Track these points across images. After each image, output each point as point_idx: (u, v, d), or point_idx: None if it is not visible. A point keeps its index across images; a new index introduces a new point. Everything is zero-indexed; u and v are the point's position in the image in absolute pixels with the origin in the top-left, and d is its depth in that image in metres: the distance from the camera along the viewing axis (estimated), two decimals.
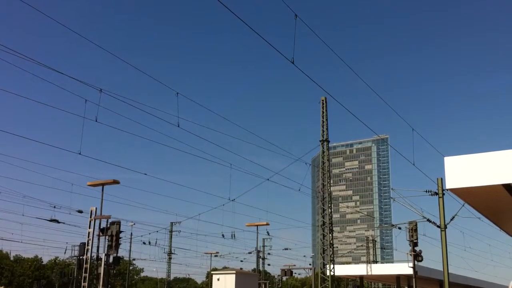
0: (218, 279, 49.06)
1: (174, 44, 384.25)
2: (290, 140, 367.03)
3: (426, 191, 32.31)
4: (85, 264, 31.84)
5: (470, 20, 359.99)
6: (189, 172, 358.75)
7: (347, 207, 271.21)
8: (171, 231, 78.47)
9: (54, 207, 44.62)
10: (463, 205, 28.25)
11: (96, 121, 22.94)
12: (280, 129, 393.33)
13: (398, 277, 55.30)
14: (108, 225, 31.67)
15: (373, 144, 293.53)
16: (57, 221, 43.31)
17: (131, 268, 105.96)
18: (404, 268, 45.09)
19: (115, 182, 33.81)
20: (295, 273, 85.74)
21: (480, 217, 28.38)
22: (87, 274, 31.58)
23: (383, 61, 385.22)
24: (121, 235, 32.35)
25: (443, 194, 31.56)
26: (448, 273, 31.64)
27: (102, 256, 32.19)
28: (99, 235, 32.28)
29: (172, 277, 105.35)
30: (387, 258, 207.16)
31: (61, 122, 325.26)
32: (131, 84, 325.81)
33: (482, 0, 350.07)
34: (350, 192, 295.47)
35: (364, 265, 56.85)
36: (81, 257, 32.59)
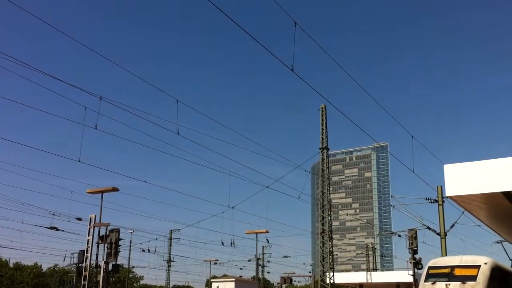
0: (218, 287, 48.95)
1: (174, 51, 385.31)
2: (289, 148, 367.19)
3: (426, 199, 32.32)
4: (84, 271, 31.75)
5: (470, 26, 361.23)
6: (188, 180, 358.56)
7: (347, 214, 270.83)
8: (170, 239, 78.19)
9: (53, 214, 44.52)
10: (463, 213, 28.22)
11: (96, 128, 22.95)
12: (280, 136, 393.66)
13: (398, 285, 55.19)
14: (107, 233, 31.62)
15: (373, 152, 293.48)
16: (56, 229, 43.22)
17: (130, 275, 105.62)
18: (404, 275, 44.97)
19: (115, 189, 33.78)
20: (295, 280, 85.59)
21: (480, 225, 28.38)
22: (86, 282, 31.49)
23: (383, 69, 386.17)
24: (120, 242, 32.32)
25: (443, 201, 31.56)
26: None
27: (101, 263, 32.12)
28: (98, 243, 32.21)
29: (171, 285, 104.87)
30: (387, 265, 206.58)
31: (61, 130, 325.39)
32: (131, 92, 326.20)
33: (482, 6, 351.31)
34: (349, 200, 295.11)
35: (364, 273, 56.76)
36: (80, 265, 32.53)
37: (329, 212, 45.91)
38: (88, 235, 32.39)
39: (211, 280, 57.82)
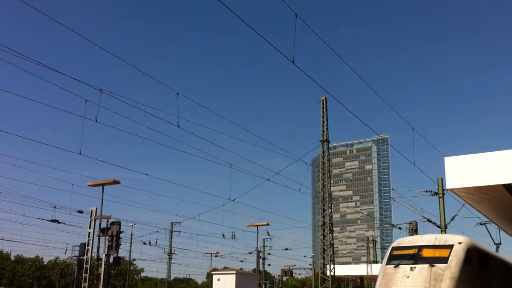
0: (219, 279, 49.07)
1: (174, 44, 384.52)
2: (290, 140, 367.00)
3: (426, 191, 32.25)
4: (86, 264, 31.84)
5: (471, 19, 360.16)
6: (189, 172, 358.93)
7: (347, 207, 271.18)
8: (171, 231, 78.44)
9: (55, 207, 44.61)
10: (463, 205, 28.23)
11: (96, 121, 22.91)
12: (280, 129, 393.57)
13: None
14: (109, 225, 31.70)
15: (373, 144, 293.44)
16: (58, 221, 43.28)
17: (131, 268, 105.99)
18: None
19: (115, 182, 33.80)
20: (295, 273, 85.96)
21: (480, 217, 28.41)
22: (88, 275, 31.58)
23: (384, 61, 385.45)
24: (121, 235, 32.42)
25: (444, 194, 31.53)
26: None
27: (103, 256, 32.21)
28: (99, 235, 32.29)
29: (172, 277, 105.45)
30: None
31: (62, 122, 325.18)
32: (131, 84, 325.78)
33: (483, 0, 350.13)
34: (350, 192, 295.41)
35: (364, 265, 56.90)
36: (81, 257, 32.59)
37: (329, 205, 45.95)
38: (89, 228, 32.45)
39: (212, 272, 57.95)
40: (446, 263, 15.32)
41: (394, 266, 15.87)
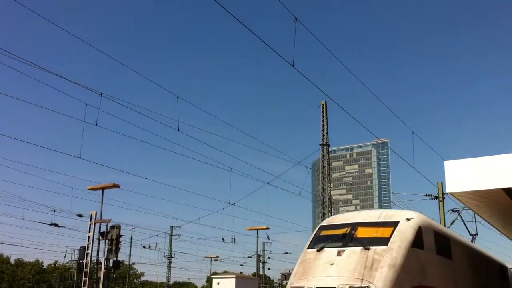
0: (218, 283, 49.08)
1: (174, 48, 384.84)
2: (290, 144, 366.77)
3: (426, 195, 32.30)
4: (85, 268, 31.79)
5: (470, 22, 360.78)
6: (189, 176, 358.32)
7: (347, 211, 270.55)
8: (171, 235, 78.34)
9: (54, 211, 44.72)
10: (463, 209, 28.21)
11: (96, 125, 22.91)
12: (280, 133, 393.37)
13: None
14: (108, 229, 31.66)
15: (373, 148, 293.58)
16: (57, 225, 43.34)
17: (131, 272, 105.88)
18: None
19: (115, 186, 33.80)
20: None
21: (480, 221, 28.37)
22: (87, 278, 31.53)
23: (384, 65, 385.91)
24: (121, 239, 32.35)
25: (443, 198, 31.53)
26: None
27: (102, 260, 32.16)
28: (99, 239, 32.26)
29: (172, 281, 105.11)
30: None
31: (61, 126, 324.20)
32: (131, 88, 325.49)
33: (482, 2, 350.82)
34: (350, 196, 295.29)
35: None
36: (81, 261, 32.54)
37: (329, 209, 45.93)
38: (89, 232, 32.42)
39: (212, 276, 57.90)
40: (386, 245, 11.53)
41: (317, 250, 12.16)
